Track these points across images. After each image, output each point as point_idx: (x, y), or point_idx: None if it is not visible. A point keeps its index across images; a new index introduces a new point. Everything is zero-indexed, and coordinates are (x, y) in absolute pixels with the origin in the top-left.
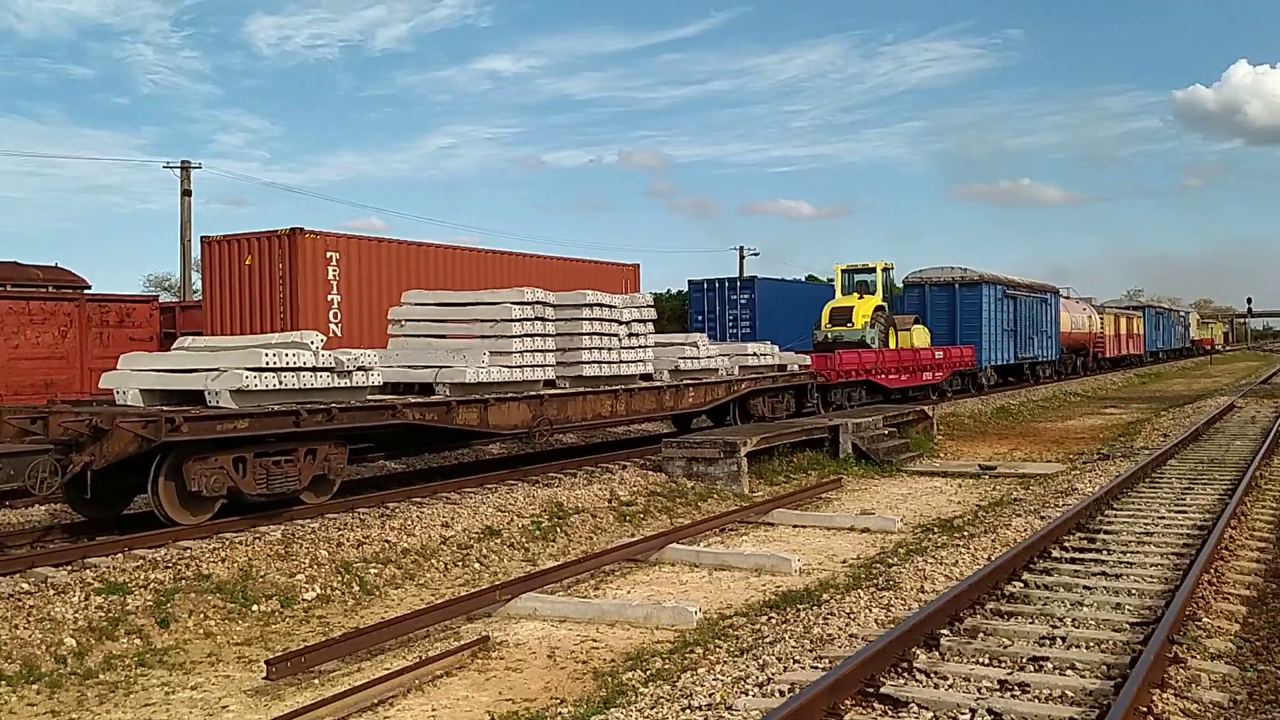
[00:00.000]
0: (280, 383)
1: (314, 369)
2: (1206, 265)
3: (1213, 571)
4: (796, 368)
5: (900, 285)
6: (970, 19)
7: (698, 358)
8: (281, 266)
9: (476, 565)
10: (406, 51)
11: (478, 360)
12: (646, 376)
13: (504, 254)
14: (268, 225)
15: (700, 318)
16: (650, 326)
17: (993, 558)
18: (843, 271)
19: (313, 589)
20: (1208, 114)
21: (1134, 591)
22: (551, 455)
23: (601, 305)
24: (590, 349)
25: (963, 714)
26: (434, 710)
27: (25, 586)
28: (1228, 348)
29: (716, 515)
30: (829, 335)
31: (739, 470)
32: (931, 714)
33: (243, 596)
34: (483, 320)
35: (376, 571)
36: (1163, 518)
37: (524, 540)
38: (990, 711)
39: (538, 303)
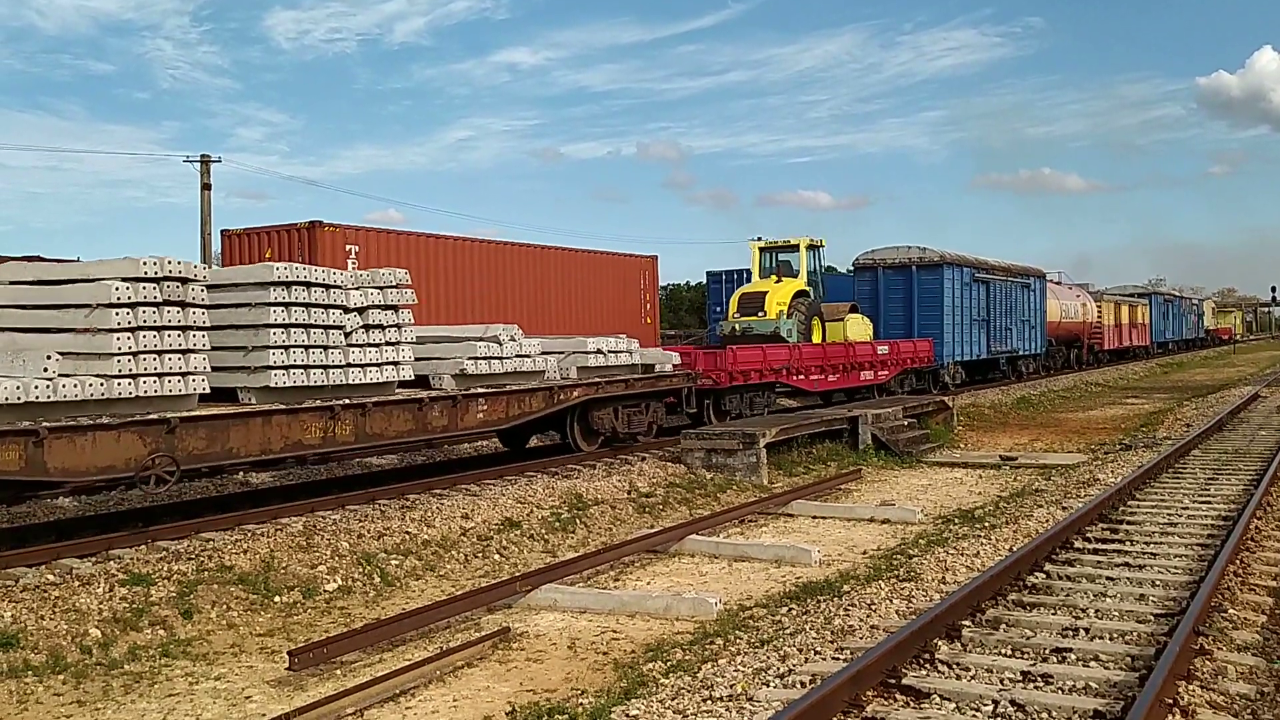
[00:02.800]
0: None
1: None
2: (1232, 254)
3: (1238, 563)
4: (669, 368)
5: (851, 267)
6: (989, 7)
7: (500, 357)
8: (301, 259)
9: (496, 556)
10: (424, 45)
11: (37, 367)
12: (419, 383)
13: (522, 246)
14: (287, 218)
15: (719, 309)
16: (407, 315)
17: (1014, 548)
18: (761, 249)
19: (334, 580)
20: (1232, 101)
21: (1158, 583)
22: (570, 447)
23: (306, 284)
24: (283, 347)
25: (985, 705)
26: (455, 701)
27: (51, 578)
28: (1251, 337)
29: (736, 506)
30: (736, 327)
31: (758, 461)
32: (954, 705)
33: (265, 588)
34: (77, 306)
35: (397, 563)
36: (1186, 508)
37: (544, 531)
38: (1013, 703)
39: (168, 279)
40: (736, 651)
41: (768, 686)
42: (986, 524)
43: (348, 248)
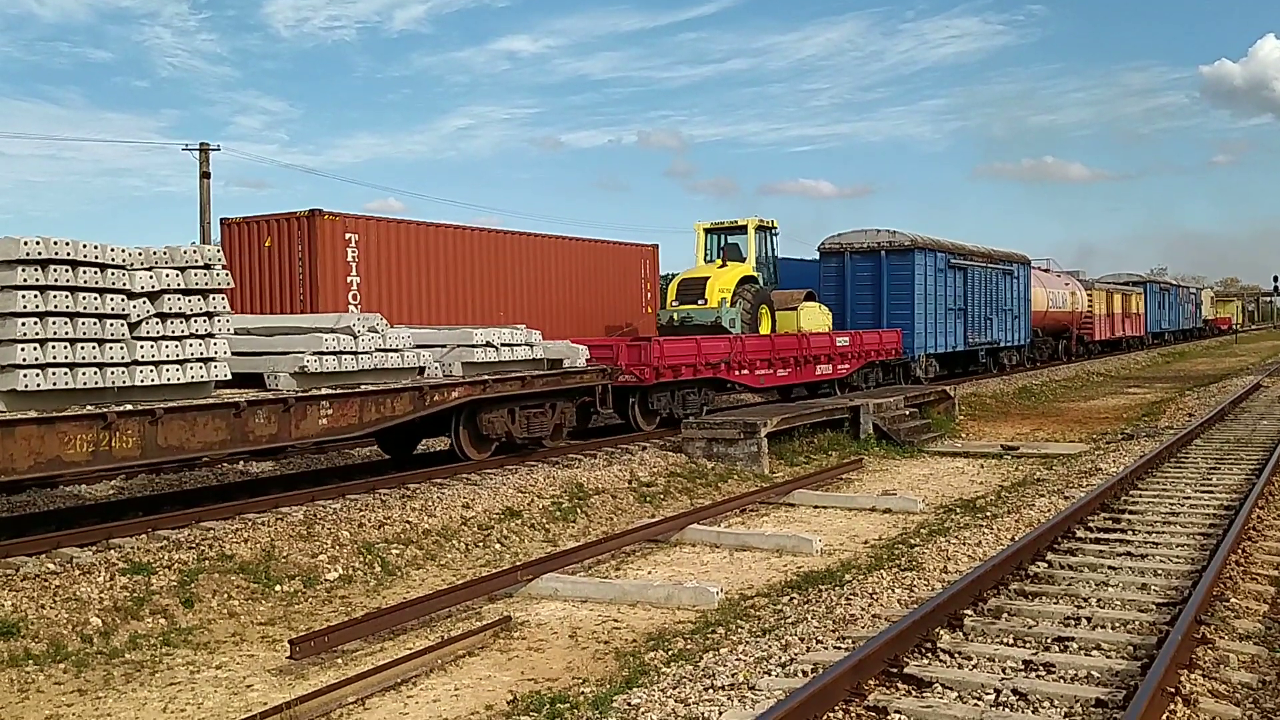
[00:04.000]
0: None
1: None
2: (1237, 244)
3: (1240, 552)
4: (582, 362)
5: (816, 253)
6: None
7: (354, 352)
8: (301, 248)
9: (497, 546)
10: (424, 32)
11: None
12: (250, 382)
13: (522, 235)
14: (287, 207)
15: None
16: (220, 301)
17: (1016, 538)
18: (706, 231)
19: (335, 569)
20: (1235, 89)
21: (1160, 572)
22: (570, 436)
23: (70, 262)
24: (36, 341)
25: (987, 694)
26: (456, 689)
27: (51, 567)
28: (1252, 327)
29: (737, 496)
30: (675, 316)
31: (759, 451)
32: (956, 694)
33: (266, 577)
34: None
35: (398, 552)
36: (1188, 498)
37: (544, 521)
38: (1015, 691)
39: None
40: (738, 640)
41: (769, 675)
42: (988, 513)
43: (347, 236)
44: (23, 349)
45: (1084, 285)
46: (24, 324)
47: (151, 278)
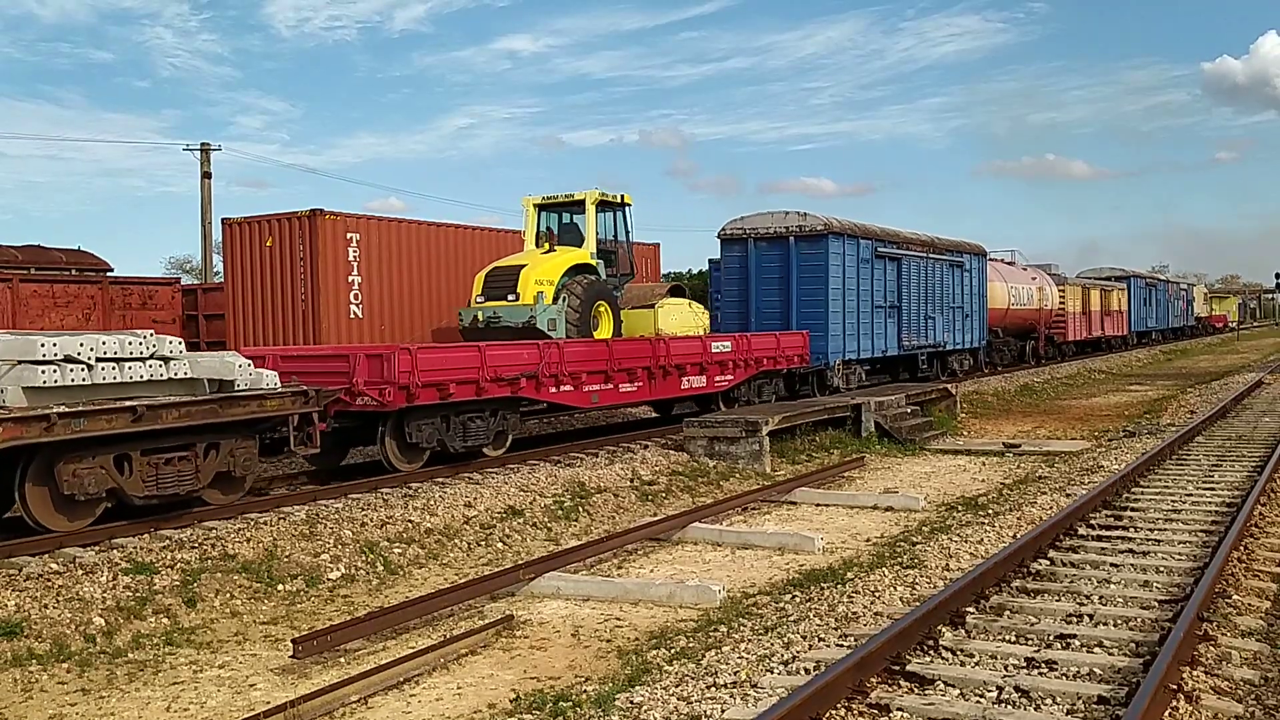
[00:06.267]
0: None
1: None
2: (1241, 241)
3: (1242, 548)
4: (268, 383)
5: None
6: None
7: None
8: (302, 248)
9: (499, 545)
10: (425, 32)
11: None
12: None
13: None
14: (288, 207)
15: (718, 296)
16: None
17: (1018, 535)
18: (538, 207)
19: (337, 569)
20: (1237, 86)
21: (1162, 569)
22: (572, 435)
23: None
24: None
25: (989, 691)
26: (459, 688)
27: (54, 566)
28: (1253, 324)
29: (739, 494)
30: (479, 316)
31: (761, 449)
32: (958, 691)
33: (268, 576)
34: None
35: (400, 551)
36: (1190, 495)
37: (546, 520)
38: (1017, 689)
39: None
40: (740, 639)
41: (771, 673)
42: (990, 511)
43: (349, 235)
44: None
45: (1055, 280)
46: None
47: None
